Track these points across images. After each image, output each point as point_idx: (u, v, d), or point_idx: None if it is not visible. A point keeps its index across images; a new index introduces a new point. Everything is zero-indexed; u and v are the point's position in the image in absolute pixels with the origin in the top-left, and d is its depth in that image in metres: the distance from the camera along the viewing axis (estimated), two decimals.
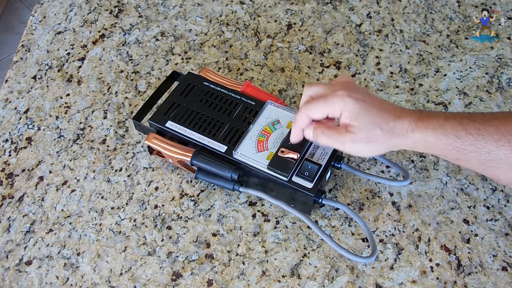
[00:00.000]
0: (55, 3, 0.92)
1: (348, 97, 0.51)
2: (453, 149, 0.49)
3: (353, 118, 0.51)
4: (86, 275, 0.63)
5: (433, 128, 0.50)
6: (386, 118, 0.51)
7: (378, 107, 0.52)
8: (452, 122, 0.49)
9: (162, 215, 0.67)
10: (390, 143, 0.52)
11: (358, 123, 0.51)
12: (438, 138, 0.49)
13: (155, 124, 0.67)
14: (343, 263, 0.62)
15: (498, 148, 0.48)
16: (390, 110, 0.52)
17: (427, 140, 0.50)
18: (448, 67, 0.79)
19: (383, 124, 0.51)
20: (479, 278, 0.60)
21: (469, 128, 0.48)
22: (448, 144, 0.49)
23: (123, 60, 0.83)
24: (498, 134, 0.47)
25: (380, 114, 0.51)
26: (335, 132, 0.54)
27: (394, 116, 0.51)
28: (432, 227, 0.64)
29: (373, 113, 0.51)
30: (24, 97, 0.79)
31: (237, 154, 0.62)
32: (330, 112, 0.53)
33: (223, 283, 0.61)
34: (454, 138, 0.49)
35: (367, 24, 0.86)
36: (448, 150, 0.50)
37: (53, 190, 0.70)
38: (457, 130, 0.49)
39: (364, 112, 0.51)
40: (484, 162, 0.49)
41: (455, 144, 0.49)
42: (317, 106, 0.53)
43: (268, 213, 0.66)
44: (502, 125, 0.48)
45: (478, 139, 0.48)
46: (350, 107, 0.51)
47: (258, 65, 0.81)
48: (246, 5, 0.89)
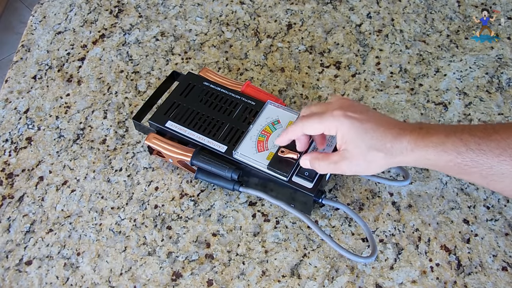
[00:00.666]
0: (55, 3, 0.92)
1: (344, 117, 0.51)
2: (455, 165, 0.49)
3: (348, 141, 0.51)
4: (86, 275, 0.63)
5: (433, 146, 0.49)
6: (383, 140, 0.51)
7: (375, 128, 0.51)
8: (452, 139, 0.49)
9: (162, 215, 0.67)
10: (390, 162, 0.52)
11: (353, 147, 0.51)
12: (439, 155, 0.49)
13: (155, 124, 0.67)
14: (343, 263, 0.62)
15: (499, 163, 0.47)
16: (388, 129, 0.51)
17: (428, 158, 0.50)
18: (448, 67, 0.80)
19: (381, 146, 0.50)
20: (479, 278, 0.60)
21: (470, 144, 0.48)
22: (449, 160, 0.49)
23: (123, 60, 0.83)
24: (499, 148, 0.47)
25: (377, 135, 0.51)
26: (332, 159, 0.54)
27: (392, 136, 0.51)
28: (432, 227, 0.64)
29: (369, 135, 0.51)
30: (24, 97, 0.79)
31: (237, 154, 0.62)
32: (325, 130, 0.53)
33: (223, 283, 0.61)
34: (455, 154, 0.48)
35: (367, 24, 0.86)
36: (450, 166, 0.49)
37: (53, 190, 0.70)
38: (457, 147, 0.48)
39: (359, 135, 0.51)
40: (486, 176, 0.48)
41: (456, 161, 0.48)
42: (312, 123, 0.54)
43: (268, 213, 0.66)
44: (503, 139, 0.47)
45: (479, 155, 0.47)
46: (345, 129, 0.51)
47: (258, 65, 0.81)
48: (246, 5, 0.89)
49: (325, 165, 0.55)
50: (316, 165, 0.56)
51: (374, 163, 0.52)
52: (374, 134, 0.51)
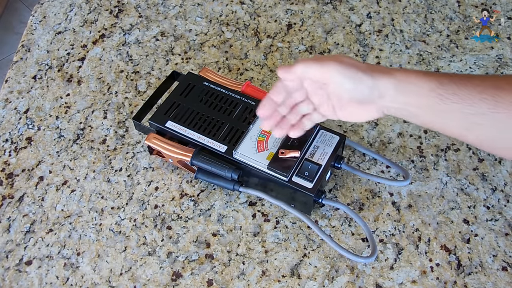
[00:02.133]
0: (55, 3, 0.92)
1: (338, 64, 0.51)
2: (436, 96, 0.48)
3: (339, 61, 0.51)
4: (86, 275, 0.63)
5: (415, 73, 0.49)
6: (371, 67, 0.51)
7: (363, 63, 0.52)
8: (434, 73, 0.49)
9: (162, 215, 0.67)
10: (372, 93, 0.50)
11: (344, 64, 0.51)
12: (421, 82, 0.48)
13: (155, 124, 0.67)
14: (343, 263, 0.62)
15: (481, 100, 0.46)
16: (375, 65, 0.52)
17: (410, 82, 0.49)
18: (448, 67, 0.79)
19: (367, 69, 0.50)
20: (479, 278, 0.60)
21: (453, 78, 0.48)
22: (431, 89, 0.48)
23: (123, 60, 0.83)
24: (481, 86, 0.47)
25: (365, 65, 0.51)
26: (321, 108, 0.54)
27: (378, 66, 0.52)
28: (432, 227, 0.64)
29: (359, 63, 0.51)
30: (24, 97, 0.79)
31: (237, 154, 0.62)
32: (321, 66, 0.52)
33: (223, 283, 0.61)
34: (437, 83, 0.48)
35: (367, 24, 0.86)
36: (431, 98, 0.48)
37: (53, 190, 0.70)
38: (440, 77, 0.48)
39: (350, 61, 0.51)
40: (467, 116, 0.47)
41: (438, 91, 0.48)
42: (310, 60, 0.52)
43: (268, 213, 0.66)
44: (484, 80, 0.47)
45: (461, 89, 0.47)
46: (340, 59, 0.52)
47: (258, 65, 0.81)
48: (246, 5, 0.89)
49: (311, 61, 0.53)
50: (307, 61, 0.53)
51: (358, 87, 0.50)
52: (362, 64, 0.51)
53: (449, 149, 0.71)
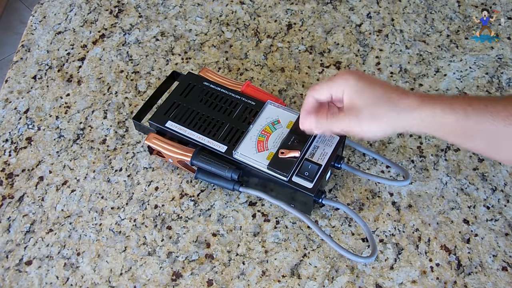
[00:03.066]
0: (55, 3, 0.92)
1: (350, 75, 0.52)
2: (461, 127, 0.48)
3: (355, 96, 0.51)
4: (86, 275, 0.63)
5: (440, 104, 0.49)
6: (390, 95, 0.50)
7: (381, 85, 0.51)
8: (458, 100, 0.49)
9: (162, 215, 0.67)
10: (395, 121, 0.51)
11: (360, 100, 0.51)
12: (445, 114, 0.48)
13: (155, 124, 0.67)
14: (343, 263, 0.62)
15: (506, 126, 0.46)
16: (394, 89, 0.51)
17: (435, 115, 0.49)
18: (448, 67, 0.79)
19: (388, 100, 0.50)
20: (479, 278, 0.60)
21: (476, 105, 0.48)
22: (455, 120, 0.48)
23: (123, 60, 0.83)
24: (505, 111, 0.46)
25: (383, 91, 0.51)
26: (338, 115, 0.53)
27: (399, 92, 0.51)
28: (432, 227, 0.64)
29: (376, 90, 0.51)
30: (24, 97, 0.79)
31: (237, 154, 0.62)
32: (334, 91, 0.53)
33: (223, 283, 0.61)
34: (462, 113, 0.48)
35: (367, 24, 0.86)
36: (455, 128, 0.49)
37: (53, 190, 0.70)
38: (464, 107, 0.48)
39: (366, 89, 0.51)
40: (491, 141, 0.48)
41: (462, 123, 0.48)
42: (321, 86, 0.54)
43: (268, 213, 0.66)
44: (510, 104, 0.47)
45: (486, 116, 0.47)
46: (351, 85, 0.51)
47: (258, 65, 0.81)
48: (246, 5, 0.89)
49: (332, 122, 0.54)
50: (323, 121, 0.55)
51: (378, 119, 0.51)
52: (380, 89, 0.51)
53: (449, 149, 0.71)
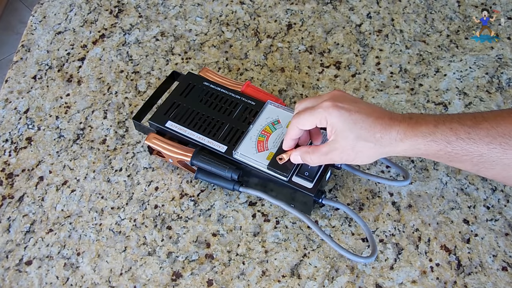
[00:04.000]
0: (55, 3, 0.92)
1: (333, 108, 0.52)
2: (445, 154, 0.49)
3: (338, 132, 0.52)
4: (86, 275, 0.63)
5: (423, 136, 0.49)
6: (373, 130, 0.51)
7: (364, 118, 0.51)
8: (442, 128, 0.49)
9: (162, 215, 0.67)
10: (379, 152, 0.52)
11: (342, 138, 0.52)
12: (429, 145, 0.49)
13: (155, 124, 0.67)
14: (343, 263, 0.62)
15: (489, 150, 0.47)
16: (377, 119, 0.51)
17: (418, 148, 0.50)
18: (448, 67, 0.80)
19: (370, 136, 0.51)
20: (479, 278, 0.60)
21: (460, 133, 0.48)
22: (439, 150, 0.49)
23: (123, 60, 0.83)
24: (489, 136, 0.47)
25: (366, 126, 0.51)
26: (321, 151, 0.55)
27: (381, 126, 0.51)
28: (432, 227, 0.64)
29: (358, 125, 0.51)
30: (24, 97, 0.79)
31: (237, 154, 0.62)
32: (317, 122, 0.54)
33: (223, 283, 0.61)
34: (444, 144, 0.49)
35: (367, 24, 0.86)
36: (440, 155, 0.50)
37: (53, 190, 0.70)
38: (447, 136, 0.48)
39: (348, 125, 0.51)
40: (477, 164, 0.49)
41: (447, 150, 0.49)
42: (304, 117, 0.54)
43: (268, 213, 0.66)
44: (492, 127, 0.47)
45: (469, 143, 0.48)
46: (334, 119, 0.52)
47: (258, 65, 0.81)
48: (246, 5, 0.89)
49: (316, 157, 0.56)
50: (308, 158, 0.57)
51: (363, 153, 0.52)
52: (363, 124, 0.51)
53: None
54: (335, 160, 0.55)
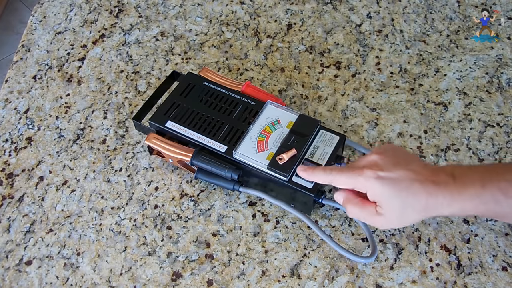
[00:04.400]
0: (55, 3, 0.92)
1: (375, 179, 0.49)
2: (494, 213, 0.48)
3: (382, 202, 0.50)
4: (86, 275, 0.63)
5: (470, 199, 0.47)
6: (418, 198, 0.49)
7: (408, 186, 0.49)
8: (489, 189, 0.47)
9: (162, 215, 0.67)
10: (425, 217, 0.51)
11: (387, 208, 0.50)
12: (477, 207, 0.47)
13: (155, 124, 0.67)
14: (343, 263, 0.62)
15: None
16: (423, 185, 0.49)
17: (464, 210, 0.48)
18: (448, 67, 0.79)
19: (416, 205, 0.49)
20: (479, 278, 0.60)
21: (509, 192, 0.46)
22: (487, 210, 0.48)
23: (123, 60, 0.83)
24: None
25: (411, 195, 0.49)
26: (366, 211, 0.52)
27: (427, 193, 0.48)
28: (432, 227, 0.64)
29: (403, 195, 0.49)
30: (24, 97, 0.79)
31: (237, 154, 0.62)
32: (355, 188, 0.52)
33: (223, 283, 0.61)
34: (493, 204, 0.47)
35: (367, 24, 0.86)
36: (488, 214, 0.49)
37: (53, 190, 0.70)
38: (495, 196, 0.47)
39: (393, 196, 0.49)
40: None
41: (495, 210, 0.47)
42: (342, 177, 0.52)
43: (268, 213, 0.66)
44: None
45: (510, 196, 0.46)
46: (377, 191, 0.49)
47: (258, 65, 0.81)
48: (246, 5, 0.89)
49: (358, 212, 0.53)
50: (349, 207, 0.54)
51: (409, 219, 0.50)
52: (407, 193, 0.49)
53: (449, 149, 0.71)
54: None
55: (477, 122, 0.73)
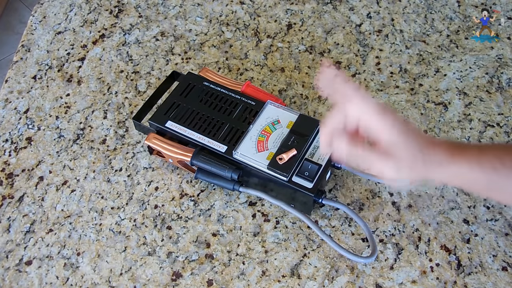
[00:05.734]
0: (55, 3, 0.92)
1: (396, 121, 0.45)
2: (488, 181, 0.47)
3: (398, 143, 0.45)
4: (86, 275, 0.63)
5: (468, 161, 0.46)
6: (424, 148, 0.46)
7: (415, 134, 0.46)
8: (487, 155, 0.46)
9: (162, 215, 0.67)
10: (423, 173, 0.47)
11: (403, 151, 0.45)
12: (473, 171, 0.46)
13: (155, 124, 0.67)
14: (343, 263, 0.62)
15: None
16: (424, 138, 0.46)
17: (460, 174, 0.47)
18: (448, 67, 0.79)
19: (422, 154, 0.46)
20: (479, 278, 0.60)
21: (505, 160, 0.46)
22: (484, 177, 0.47)
23: (123, 60, 0.83)
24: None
25: (418, 142, 0.46)
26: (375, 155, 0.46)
27: (428, 145, 0.46)
28: (432, 227, 0.64)
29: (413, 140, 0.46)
30: (24, 97, 0.79)
31: (237, 154, 0.62)
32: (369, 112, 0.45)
33: (223, 283, 0.61)
34: (491, 170, 0.46)
35: (367, 24, 0.86)
36: (482, 182, 0.47)
37: (53, 190, 0.70)
38: (493, 162, 0.46)
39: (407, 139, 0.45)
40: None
41: (492, 178, 0.46)
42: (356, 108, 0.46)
43: (268, 213, 0.66)
44: None
45: None
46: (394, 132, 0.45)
47: (258, 65, 0.81)
48: (246, 5, 0.89)
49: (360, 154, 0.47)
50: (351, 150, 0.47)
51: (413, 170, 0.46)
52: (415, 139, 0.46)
53: None
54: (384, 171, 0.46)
55: (477, 122, 0.73)
